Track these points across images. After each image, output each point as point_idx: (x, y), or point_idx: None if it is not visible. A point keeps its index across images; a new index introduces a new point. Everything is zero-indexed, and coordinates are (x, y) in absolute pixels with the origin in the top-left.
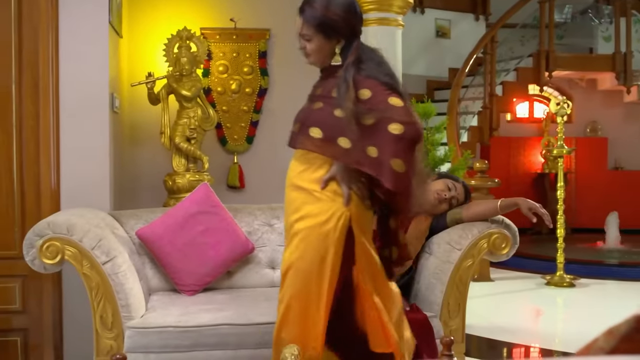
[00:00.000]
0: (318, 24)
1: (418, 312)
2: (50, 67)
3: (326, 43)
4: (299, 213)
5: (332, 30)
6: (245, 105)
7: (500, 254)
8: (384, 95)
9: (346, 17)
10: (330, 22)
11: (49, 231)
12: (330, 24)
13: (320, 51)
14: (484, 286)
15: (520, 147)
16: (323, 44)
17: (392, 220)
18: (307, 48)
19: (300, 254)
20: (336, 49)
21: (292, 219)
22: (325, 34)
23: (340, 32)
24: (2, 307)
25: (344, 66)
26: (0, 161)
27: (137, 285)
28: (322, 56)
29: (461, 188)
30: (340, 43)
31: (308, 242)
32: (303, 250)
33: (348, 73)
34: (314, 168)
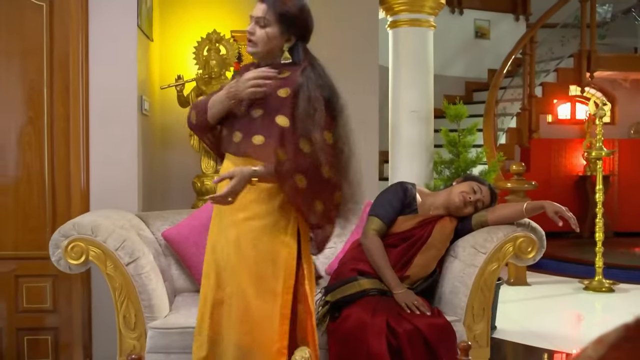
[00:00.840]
0: (281, 12)
1: (439, 316)
2: (80, 71)
3: (280, 35)
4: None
5: (290, 24)
6: None
7: (526, 257)
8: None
9: (304, 18)
10: (291, 15)
11: (74, 232)
12: (291, 17)
13: (271, 42)
14: (520, 290)
15: (562, 149)
16: (276, 35)
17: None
18: (257, 34)
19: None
20: (284, 47)
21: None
22: (283, 25)
23: (295, 29)
24: (35, 306)
25: (301, 69)
26: (33, 163)
27: (160, 286)
28: (269, 48)
29: (487, 191)
30: (290, 41)
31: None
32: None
33: (312, 89)
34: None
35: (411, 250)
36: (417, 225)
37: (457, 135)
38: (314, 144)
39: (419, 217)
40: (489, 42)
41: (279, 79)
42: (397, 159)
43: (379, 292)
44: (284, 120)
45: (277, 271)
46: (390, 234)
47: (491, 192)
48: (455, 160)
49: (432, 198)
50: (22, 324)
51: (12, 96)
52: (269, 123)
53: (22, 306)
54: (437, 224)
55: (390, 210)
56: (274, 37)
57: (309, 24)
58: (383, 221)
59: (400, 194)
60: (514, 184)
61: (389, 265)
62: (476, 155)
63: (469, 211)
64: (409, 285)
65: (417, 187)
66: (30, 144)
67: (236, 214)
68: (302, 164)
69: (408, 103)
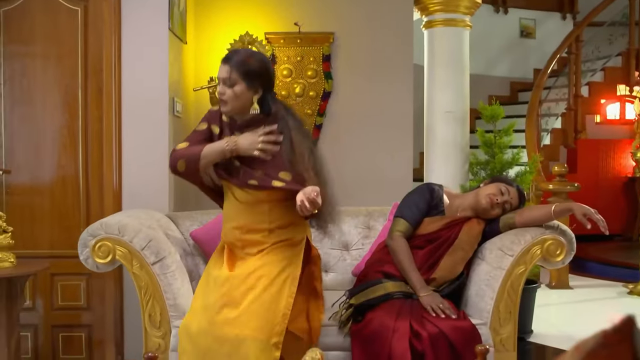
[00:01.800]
0: (244, 70)
1: (465, 319)
2: (113, 74)
3: (247, 90)
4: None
5: (254, 79)
6: (309, 108)
7: (555, 260)
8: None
9: (266, 70)
10: (254, 70)
11: (101, 231)
12: (254, 72)
13: (240, 98)
14: (562, 294)
15: (610, 150)
16: (244, 91)
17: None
18: (227, 94)
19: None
20: (254, 99)
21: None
22: (248, 81)
23: (260, 82)
24: (70, 303)
25: (280, 117)
26: (68, 164)
27: (186, 285)
28: (240, 103)
29: (515, 192)
30: (258, 93)
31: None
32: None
33: (300, 132)
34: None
35: (437, 252)
36: (443, 227)
37: (493, 136)
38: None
39: (445, 218)
40: (534, 41)
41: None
42: (432, 160)
43: (404, 295)
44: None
45: (287, 277)
46: (416, 236)
47: (519, 193)
48: (491, 162)
49: (459, 200)
50: (57, 321)
51: (48, 99)
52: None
53: (57, 304)
54: (465, 225)
55: (417, 211)
56: (242, 93)
57: (272, 74)
58: (409, 222)
59: (427, 195)
60: (556, 185)
61: (414, 267)
62: (512, 157)
63: (496, 213)
64: (435, 288)
65: (444, 188)
66: (65, 145)
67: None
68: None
69: (443, 103)
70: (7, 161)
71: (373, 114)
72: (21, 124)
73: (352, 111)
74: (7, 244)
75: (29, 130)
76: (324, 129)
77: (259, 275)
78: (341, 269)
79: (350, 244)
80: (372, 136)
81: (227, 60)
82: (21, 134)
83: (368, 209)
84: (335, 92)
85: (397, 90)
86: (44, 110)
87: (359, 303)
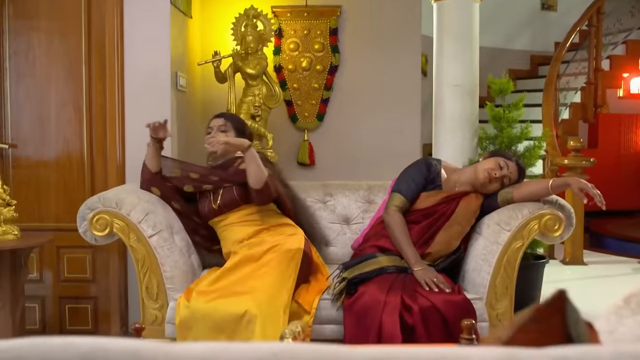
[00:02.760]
0: (236, 122)
1: (459, 294)
2: (115, 48)
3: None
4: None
5: (242, 131)
6: (316, 82)
7: (553, 235)
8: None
9: (247, 127)
10: (241, 125)
11: (99, 205)
12: (242, 126)
13: (231, 152)
14: (576, 270)
15: (633, 124)
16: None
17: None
18: (220, 137)
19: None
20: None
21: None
22: (237, 131)
23: (244, 134)
24: (76, 275)
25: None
26: (72, 138)
27: (184, 259)
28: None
29: (514, 166)
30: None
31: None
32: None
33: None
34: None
35: (434, 226)
36: (440, 202)
37: (502, 110)
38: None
39: (442, 193)
40: (555, 14)
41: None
42: (441, 134)
43: (397, 270)
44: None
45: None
46: (413, 210)
47: (519, 168)
48: (499, 136)
49: (457, 174)
50: (63, 293)
51: (52, 74)
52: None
53: (63, 276)
54: (462, 200)
55: (413, 186)
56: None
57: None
58: (405, 197)
59: (424, 169)
60: (571, 160)
61: (409, 241)
62: (521, 131)
63: (494, 188)
64: (430, 263)
65: (443, 162)
66: (70, 120)
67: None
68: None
69: (452, 77)
70: (13, 135)
71: (380, 87)
72: (26, 99)
73: (360, 85)
74: (10, 216)
75: (35, 104)
76: (330, 103)
77: (269, 258)
78: (341, 243)
79: (351, 218)
80: (379, 110)
81: (221, 115)
82: (27, 108)
83: (368, 183)
84: (342, 65)
85: (405, 64)
86: (48, 85)
87: (352, 277)
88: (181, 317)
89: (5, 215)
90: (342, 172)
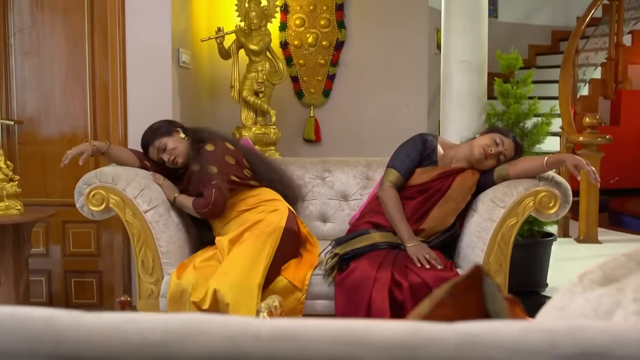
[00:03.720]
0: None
1: (451, 270)
2: (117, 25)
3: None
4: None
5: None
6: (322, 58)
7: (548, 213)
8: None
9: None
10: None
11: (95, 180)
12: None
13: (186, 150)
14: (589, 248)
15: None
16: (187, 145)
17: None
18: (178, 149)
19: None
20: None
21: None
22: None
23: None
24: (81, 250)
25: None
26: (76, 113)
27: (180, 234)
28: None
29: (510, 143)
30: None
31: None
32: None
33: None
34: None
35: (428, 202)
36: (435, 178)
37: (510, 86)
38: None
39: (438, 169)
40: None
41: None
42: (448, 110)
43: (390, 246)
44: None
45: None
46: (408, 186)
47: (515, 144)
48: (507, 112)
49: (454, 150)
50: (69, 267)
51: (57, 51)
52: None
53: (69, 250)
54: (458, 176)
55: (408, 161)
56: (186, 145)
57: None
58: (400, 173)
59: (419, 145)
60: (586, 137)
61: (403, 217)
62: (528, 107)
63: (490, 164)
64: (423, 239)
65: (439, 138)
66: (74, 96)
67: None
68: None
69: (460, 52)
70: (19, 112)
71: (387, 63)
72: (32, 75)
73: (366, 61)
74: (13, 192)
75: (40, 81)
76: (337, 79)
77: (246, 237)
78: (339, 219)
79: (349, 195)
80: (385, 86)
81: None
82: (32, 85)
83: (367, 160)
84: (348, 41)
85: (412, 39)
86: (52, 62)
87: (344, 252)
88: (170, 291)
89: (8, 190)
90: (348, 148)
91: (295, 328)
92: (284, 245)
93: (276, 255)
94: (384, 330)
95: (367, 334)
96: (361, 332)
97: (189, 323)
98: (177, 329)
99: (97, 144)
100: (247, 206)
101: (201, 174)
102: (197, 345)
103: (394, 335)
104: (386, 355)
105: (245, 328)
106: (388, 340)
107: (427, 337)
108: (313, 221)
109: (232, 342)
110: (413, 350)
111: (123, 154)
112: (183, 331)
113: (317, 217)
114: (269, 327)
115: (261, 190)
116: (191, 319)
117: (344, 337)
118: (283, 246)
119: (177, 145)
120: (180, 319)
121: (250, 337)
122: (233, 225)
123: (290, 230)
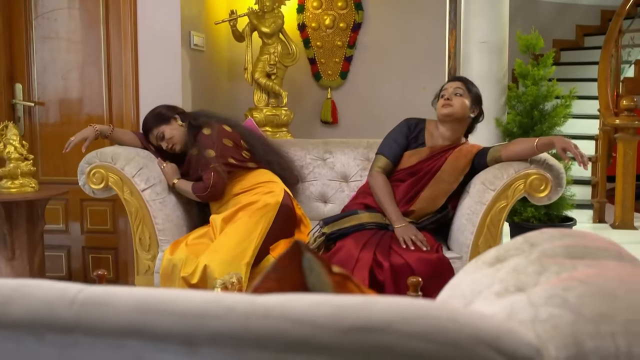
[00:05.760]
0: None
1: (437, 252)
2: (129, 9)
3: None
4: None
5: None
6: (340, 40)
7: (539, 196)
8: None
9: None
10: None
11: (96, 159)
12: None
13: (183, 136)
14: (625, 234)
15: None
16: (183, 130)
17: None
18: (175, 137)
19: None
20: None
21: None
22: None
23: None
24: (98, 227)
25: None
26: (93, 96)
27: (177, 212)
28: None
29: (457, 82)
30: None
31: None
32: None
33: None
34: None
35: (418, 184)
36: (425, 159)
37: (529, 68)
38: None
39: (426, 149)
40: None
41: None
42: None
43: (377, 227)
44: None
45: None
46: (398, 170)
47: (466, 82)
48: (524, 94)
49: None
50: (87, 244)
51: (73, 36)
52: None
53: (87, 227)
54: (450, 157)
55: (395, 146)
56: (183, 132)
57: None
58: (387, 158)
59: (404, 129)
60: (622, 120)
61: (391, 200)
62: (547, 89)
63: (448, 111)
64: (413, 220)
65: (429, 120)
66: (90, 78)
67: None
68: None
69: (479, 33)
70: (40, 94)
71: (404, 44)
72: (51, 59)
73: (383, 42)
74: (28, 170)
75: (59, 65)
76: (354, 61)
77: (239, 216)
78: (339, 200)
79: (349, 176)
80: (403, 68)
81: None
82: (51, 68)
83: (368, 141)
84: (365, 23)
85: (430, 20)
86: (70, 48)
87: (331, 232)
88: (163, 267)
89: (23, 169)
90: (366, 130)
91: (108, 295)
92: (277, 225)
93: (268, 235)
94: (187, 299)
95: (172, 303)
96: (166, 301)
97: (18, 287)
98: (6, 292)
99: (100, 127)
100: (244, 188)
101: (199, 158)
102: (18, 308)
103: (195, 304)
104: (184, 323)
105: (64, 293)
106: (189, 309)
107: (223, 307)
108: (313, 202)
109: (50, 306)
110: (207, 319)
111: (126, 137)
112: (10, 295)
113: (317, 197)
114: (85, 293)
115: (258, 172)
116: (22, 283)
117: (149, 306)
118: (276, 226)
119: (173, 134)
120: (13, 284)
121: (67, 302)
122: (229, 206)
123: (283, 211)
